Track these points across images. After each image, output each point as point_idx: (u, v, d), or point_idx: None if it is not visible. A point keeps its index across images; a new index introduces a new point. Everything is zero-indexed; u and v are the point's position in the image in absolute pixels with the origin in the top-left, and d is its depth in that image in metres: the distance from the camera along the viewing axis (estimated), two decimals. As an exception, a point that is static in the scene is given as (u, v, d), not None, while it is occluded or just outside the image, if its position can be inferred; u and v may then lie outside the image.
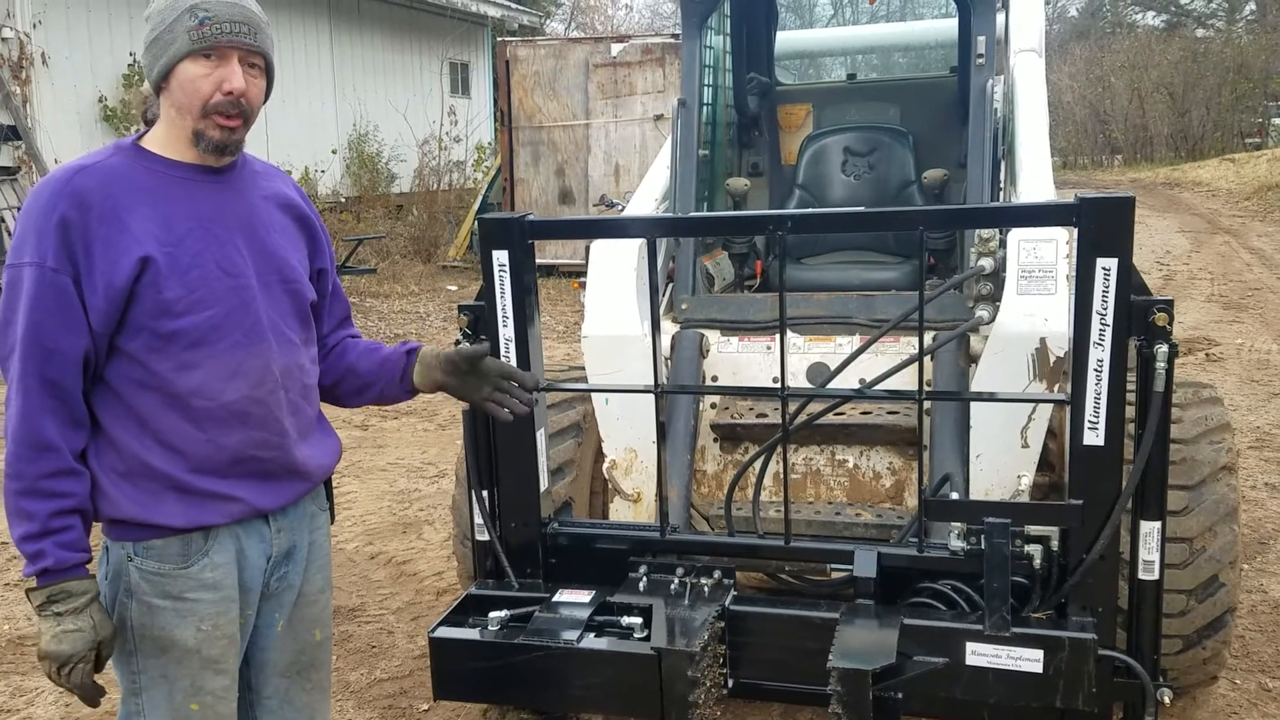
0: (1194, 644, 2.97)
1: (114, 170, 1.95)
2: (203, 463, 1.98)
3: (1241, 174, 22.43)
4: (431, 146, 16.30)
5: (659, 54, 13.24)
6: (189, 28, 1.91)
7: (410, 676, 3.82)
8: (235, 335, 1.99)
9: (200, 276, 1.95)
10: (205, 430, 1.97)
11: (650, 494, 3.37)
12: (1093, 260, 2.12)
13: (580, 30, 31.44)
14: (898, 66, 7.69)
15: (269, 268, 2.07)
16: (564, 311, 11.40)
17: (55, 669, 1.91)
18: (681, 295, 3.81)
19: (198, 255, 1.96)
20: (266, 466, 2.06)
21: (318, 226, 2.24)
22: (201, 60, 1.93)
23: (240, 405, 2.00)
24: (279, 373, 2.06)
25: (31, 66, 11.83)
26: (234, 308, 1.99)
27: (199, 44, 1.92)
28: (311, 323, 2.20)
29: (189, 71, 1.93)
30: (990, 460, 3.08)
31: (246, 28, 1.96)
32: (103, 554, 2.04)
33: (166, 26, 1.93)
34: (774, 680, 2.45)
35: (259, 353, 2.02)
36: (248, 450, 2.02)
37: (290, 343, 2.10)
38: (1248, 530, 4.71)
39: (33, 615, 4.33)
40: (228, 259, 1.99)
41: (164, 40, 1.94)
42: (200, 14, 1.92)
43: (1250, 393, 7.35)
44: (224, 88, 1.94)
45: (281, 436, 2.07)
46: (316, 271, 2.23)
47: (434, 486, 6.01)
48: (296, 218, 2.19)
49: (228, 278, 1.99)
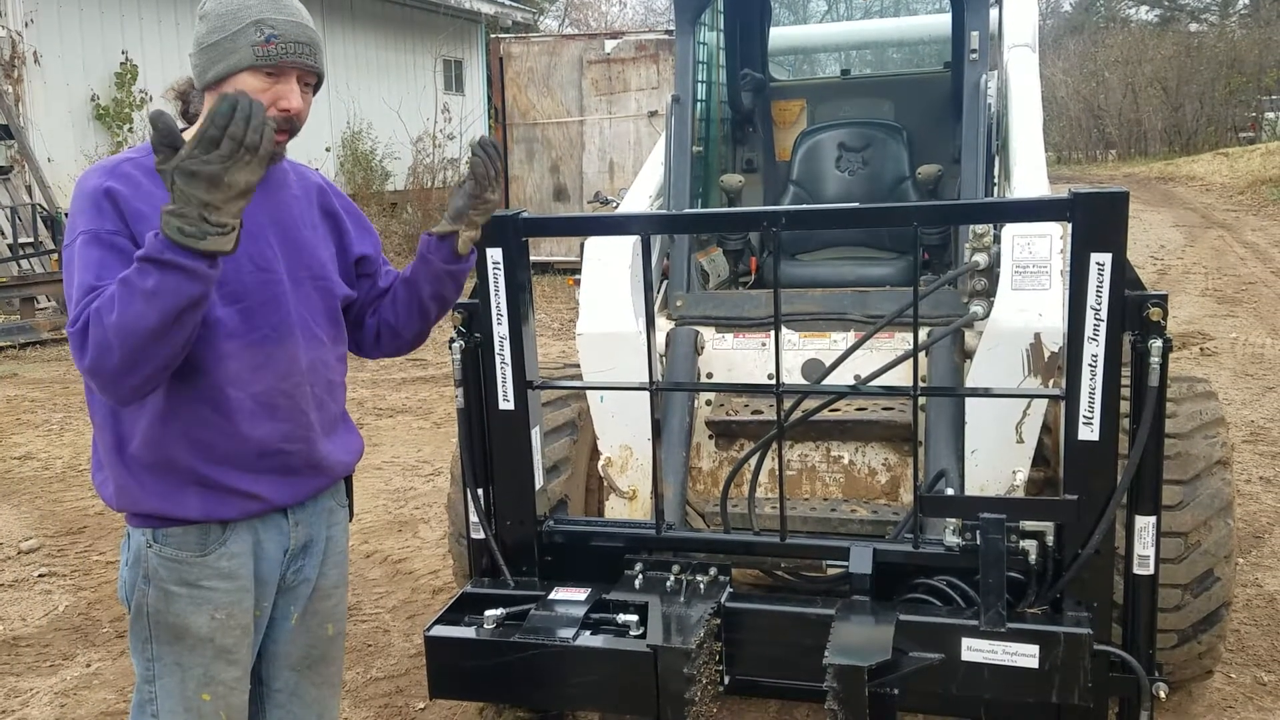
0: (1189, 638, 2.98)
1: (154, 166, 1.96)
2: (228, 455, 1.99)
3: (1235, 168, 22.47)
4: (425, 144, 16.28)
5: (653, 50, 13.24)
6: (254, 42, 1.92)
7: (406, 675, 3.81)
8: (264, 329, 2.01)
9: (233, 269, 1.95)
10: (234, 421, 1.98)
11: (646, 491, 3.37)
12: (1087, 255, 2.12)
13: (574, 27, 31.41)
14: (891, 62, 7.69)
15: (300, 264, 2.09)
16: (559, 309, 11.39)
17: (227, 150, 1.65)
18: (676, 292, 3.80)
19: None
20: (290, 461, 2.07)
21: (345, 218, 2.25)
22: (262, 76, 1.94)
23: (268, 397, 2.02)
24: (305, 367, 2.08)
25: (23, 65, 11.81)
26: (264, 301, 2.01)
27: (263, 61, 1.93)
28: (341, 321, 2.21)
29: (248, 84, 1.93)
30: (985, 456, 3.08)
31: (309, 49, 1.98)
32: (125, 540, 2.07)
33: (229, 35, 1.93)
34: (770, 677, 2.45)
35: (287, 346, 2.04)
36: (274, 443, 2.03)
37: (317, 339, 2.12)
38: (1242, 524, 4.72)
39: (26, 616, 4.34)
40: (260, 253, 2.01)
41: (224, 47, 1.94)
42: (267, 30, 1.92)
43: (1244, 387, 7.36)
44: (280, 105, 1.95)
45: (307, 430, 2.09)
46: (355, 260, 2.24)
47: (429, 485, 6.00)
48: (327, 214, 2.22)
49: (260, 272, 2.01)
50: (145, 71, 12.95)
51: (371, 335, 2.32)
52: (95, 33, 12.74)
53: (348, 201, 2.30)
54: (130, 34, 13.08)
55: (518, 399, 2.54)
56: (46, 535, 5.24)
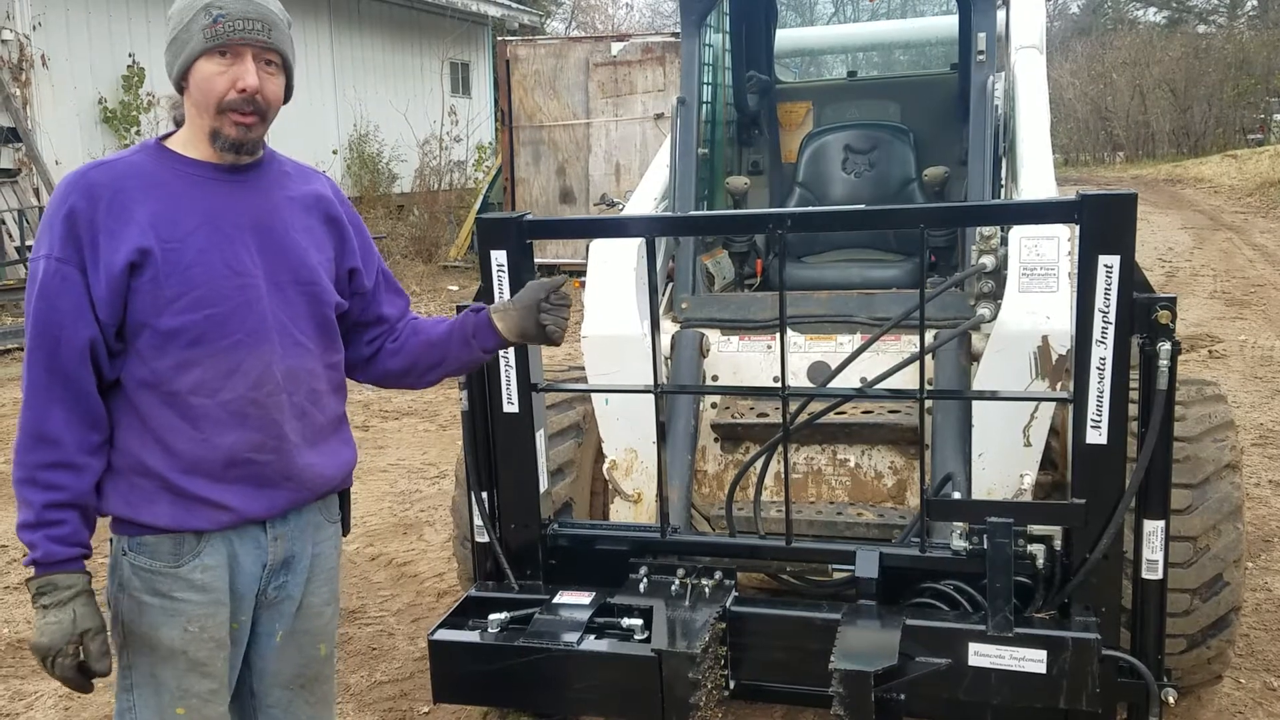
0: (1198, 643, 2.96)
1: (132, 166, 1.97)
2: (196, 464, 1.96)
3: (1244, 170, 22.40)
4: (432, 146, 16.29)
5: (659, 53, 13.23)
6: (203, 26, 1.92)
7: (411, 679, 3.81)
8: (237, 334, 1.97)
9: (204, 274, 1.94)
10: (201, 429, 1.96)
11: (651, 494, 3.36)
12: (1095, 257, 2.10)
13: (580, 29, 31.44)
14: (898, 64, 7.69)
15: (283, 268, 2.04)
16: (565, 311, 11.37)
17: (40, 660, 1.93)
18: (681, 294, 3.79)
19: (202, 252, 1.95)
20: (262, 471, 2.02)
21: (350, 228, 2.21)
22: (216, 58, 1.93)
23: (237, 405, 1.98)
24: (281, 375, 2.02)
25: (31, 68, 11.84)
26: (238, 306, 1.97)
27: (212, 41, 1.92)
28: (333, 328, 2.15)
29: (204, 70, 1.94)
30: (992, 459, 3.06)
31: (261, 24, 1.95)
32: (109, 546, 2.05)
33: (184, 26, 1.94)
34: (776, 682, 2.43)
35: (261, 353, 2.00)
36: (242, 452, 1.99)
37: (299, 345, 2.06)
38: (1251, 528, 4.69)
39: (30, 618, 4.34)
40: (235, 256, 1.98)
41: (181, 40, 1.95)
42: (215, 11, 1.92)
43: (1253, 389, 7.33)
44: (238, 85, 1.94)
45: (280, 441, 2.03)
46: (347, 272, 2.19)
47: (434, 487, 6.00)
48: (326, 219, 2.16)
49: (234, 276, 1.97)
50: (152, 74, 12.98)
51: (360, 361, 2.28)
52: (103, 36, 12.78)
53: (356, 216, 2.25)
54: (138, 37, 13.11)
55: (522, 401, 2.53)
56: (52, 537, 5.23)
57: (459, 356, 2.26)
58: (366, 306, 2.25)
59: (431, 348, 2.26)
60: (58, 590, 1.92)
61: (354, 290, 2.21)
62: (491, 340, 2.23)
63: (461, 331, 2.24)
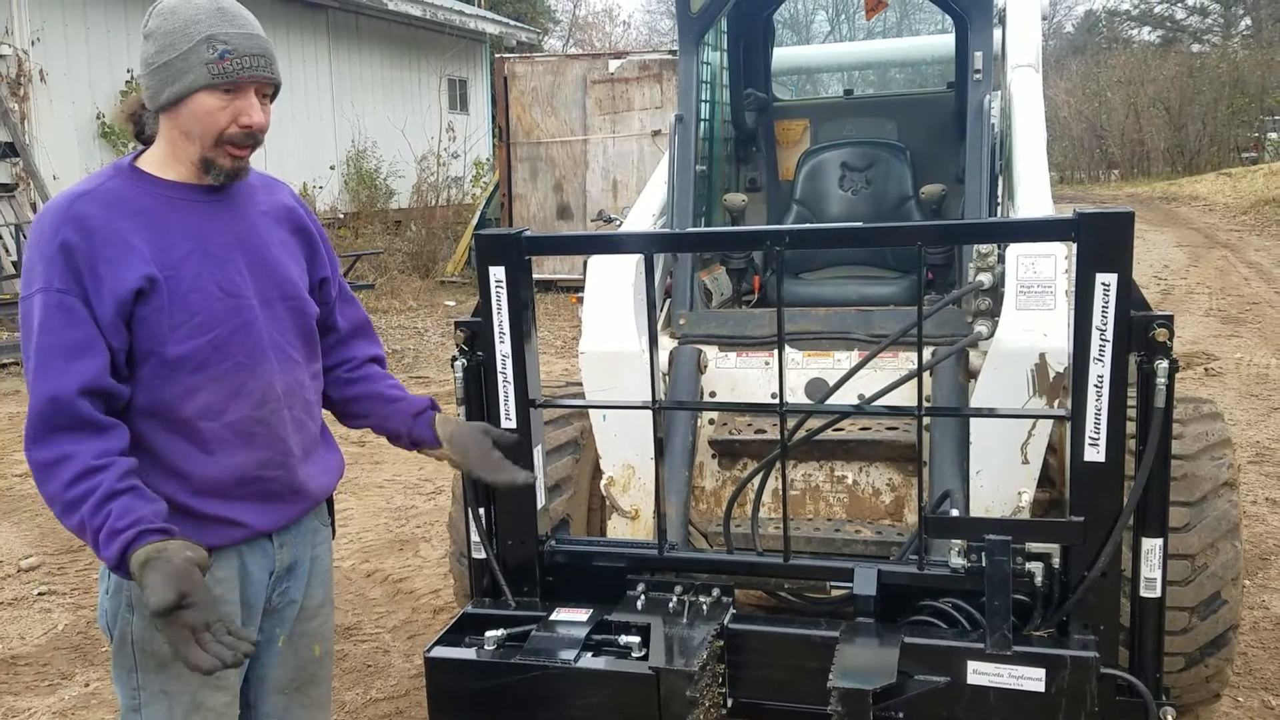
0: (1197, 661, 2.95)
1: (113, 193, 1.94)
2: (207, 485, 1.97)
3: (1238, 188, 22.49)
4: (430, 162, 16.33)
5: (656, 70, 13.29)
6: (207, 60, 1.89)
7: (406, 696, 3.79)
8: (238, 356, 1.98)
9: (201, 300, 1.94)
10: (211, 452, 1.96)
11: (648, 511, 3.35)
12: (1092, 275, 2.11)
13: (578, 47, 31.56)
14: (895, 82, 7.72)
15: (270, 284, 2.05)
16: (562, 327, 11.39)
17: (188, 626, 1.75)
18: (679, 310, 3.79)
19: (197, 278, 1.95)
20: (271, 487, 2.04)
21: (318, 237, 2.22)
22: (219, 94, 1.91)
23: (244, 425, 1.99)
24: (282, 391, 2.04)
25: (29, 83, 11.87)
26: (236, 329, 1.98)
27: (219, 79, 1.90)
28: (315, 339, 2.18)
29: (205, 104, 1.91)
30: (990, 476, 3.06)
31: (264, 60, 1.95)
32: (104, 567, 2.00)
33: (180, 54, 1.90)
34: (773, 700, 2.42)
35: (261, 373, 2.01)
36: (253, 470, 2.01)
37: (292, 360, 2.08)
38: (1249, 546, 4.69)
39: (25, 634, 4.32)
40: (228, 279, 1.98)
41: (176, 67, 1.91)
42: (220, 47, 1.89)
43: (1250, 407, 7.34)
44: (241, 121, 1.93)
45: (286, 456, 2.06)
46: (318, 281, 2.21)
47: (431, 503, 5.98)
48: (296, 230, 2.17)
49: (229, 298, 1.98)
50: (151, 90, 13.00)
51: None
52: (101, 51, 12.81)
53: (319, 224, 2.27)
54: (136, 52, 13.14)
55: (520, 417, 2.53)
56: (47, 553, 5.22)
57: (390, 424, 2.29)
58: (329, 315, 2.27)
59: (374, 401, 2.29)
60: (152, 559, 1.74)
61: (322, 299, 2.23)
62: (427, 434, 2.27)
63: (410, 407, 2.28)
